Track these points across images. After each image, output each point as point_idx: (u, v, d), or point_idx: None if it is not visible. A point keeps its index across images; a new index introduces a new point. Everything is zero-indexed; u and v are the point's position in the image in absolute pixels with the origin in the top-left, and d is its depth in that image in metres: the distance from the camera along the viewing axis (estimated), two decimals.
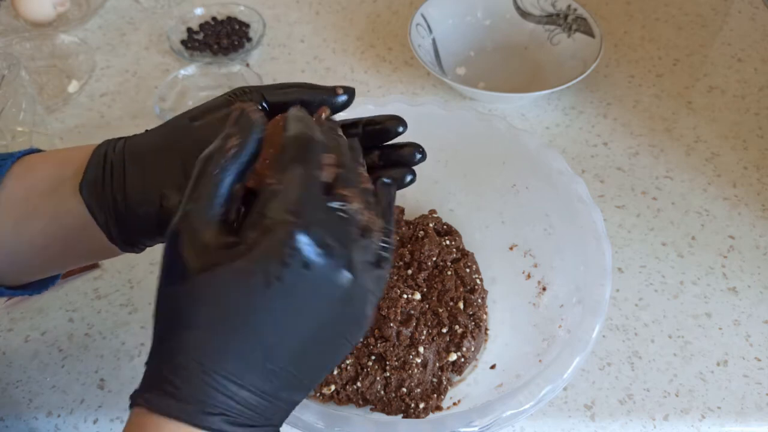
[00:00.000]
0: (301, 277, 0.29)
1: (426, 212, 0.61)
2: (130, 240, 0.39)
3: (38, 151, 0.42)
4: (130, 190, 0.37)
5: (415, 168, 0.41)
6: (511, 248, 0.57)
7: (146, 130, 0.40)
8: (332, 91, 0.38)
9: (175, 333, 0.29)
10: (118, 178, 0.37)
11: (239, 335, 0.29)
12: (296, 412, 0.41)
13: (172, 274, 0.30)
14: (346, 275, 0.30)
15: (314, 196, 0.30)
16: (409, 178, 0.41)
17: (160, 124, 0.39)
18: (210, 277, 0.29)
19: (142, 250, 0.40)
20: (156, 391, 0.29)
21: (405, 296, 0.53)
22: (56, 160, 0.40)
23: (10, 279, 0.42)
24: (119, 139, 0.39)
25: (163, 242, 0.38)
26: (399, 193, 0.40)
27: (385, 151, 0.41)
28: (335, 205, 0.30)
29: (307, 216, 0.30)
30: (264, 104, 0.38)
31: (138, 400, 0.30)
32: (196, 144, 0.35)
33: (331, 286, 0.30)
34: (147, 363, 0.31)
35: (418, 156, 0.41)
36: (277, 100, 0.38)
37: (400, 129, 0.41)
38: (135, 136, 0.39)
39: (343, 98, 0.39)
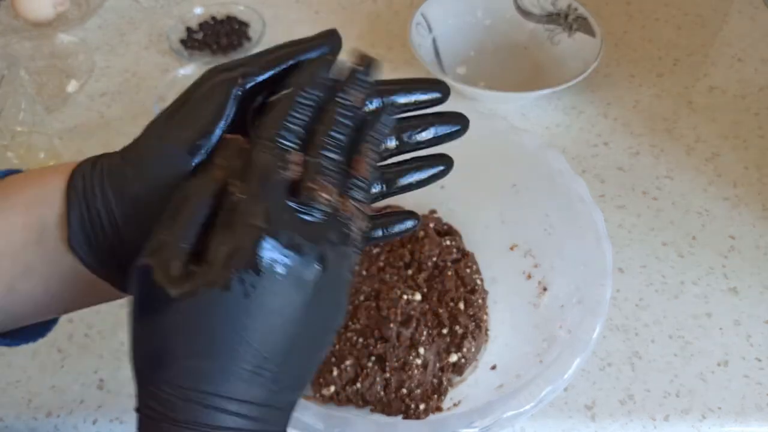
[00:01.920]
0: (276, 280, 0.29)
1: (426, 212, 0.60)
2: None
3: (12, 171, 0.36)
4: (127, 238, 0.33)
5: None
6: (511, 248, 0.57)
7: (122, 151, 0.34)
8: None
9: (164, 368, 0.29)
10: (110, 225, 0.33)
11: (230, 353, 0.28)
12: (296, 414, 0.41)
13: (148, 308, 0.29)
14: (317, 269, 0.30)
15: (277, 198, 0.30)
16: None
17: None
18: (190, 301, 0.28)
19: None
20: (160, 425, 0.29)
21: (405, 297, 0.53)
22: (28, 202, 0.34)
23: (4, 327, 0.37)
24: (93, 165, 0.34)
25: None
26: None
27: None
28: (295, 205, 0.30)
29: (271, 219, 0.29)
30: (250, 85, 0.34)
31: None
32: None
33: (306, 283, 0.30)
34: (137, 409, 0.30)
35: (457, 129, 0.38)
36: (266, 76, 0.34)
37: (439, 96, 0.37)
38: (111, 161, 0.34)
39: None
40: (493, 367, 0.51)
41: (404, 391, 0.49)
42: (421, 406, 0.49)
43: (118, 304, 0.59)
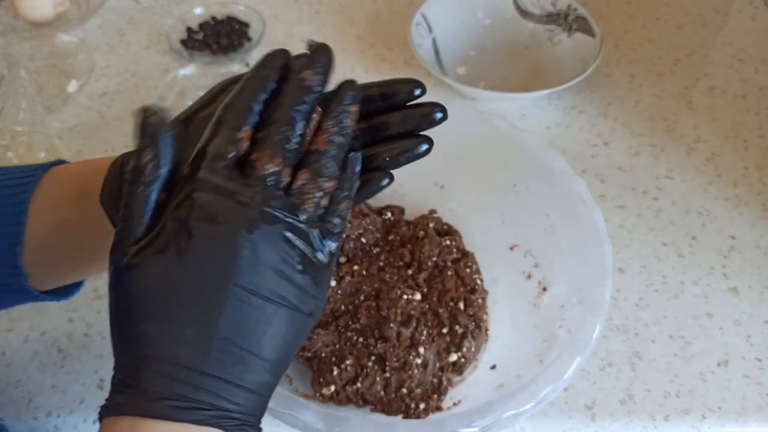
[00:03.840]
0: (207, 238, 0.30)
1: (426, 212, 0.60)
2: None
3: (63, 162, 0.44)
4: None
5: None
6: (511, 248, 0.57)
7: None
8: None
9: (124, 334, 0.31)
10: None
11: (173, 317, 0.30)
12: (296, 413, 0.41)
13: (112, 290, 0.31)
14: (245, 234, 0.30)
15: (218, 166, 0.31)
16: (385, 182, 0.38)
17: None
18: (137, 269, 0.30)
19: None
20: (120, 394, 0.30)
21: (405, 296, 0.53)
22: (80, 172, 0.42)
23: (41, 284, 0.44)
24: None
25: None
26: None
27: (404, 114, 0.39)
28: (236, 175, 0.31)
29: (207, 182, 0.31)
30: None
31: (103, 410, 0.31)
32: (191, 147, 0.34)
33: (235, 244, 0.30)
34: (112, 378, 0.32)
35: (438, 116, 0.38)
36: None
37: (417, 92, 0.38)
38: None
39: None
40: (493, 367, 0.51)
41: (404, 390, 0.49)
42: (421, 406, 0.49)
43: None
